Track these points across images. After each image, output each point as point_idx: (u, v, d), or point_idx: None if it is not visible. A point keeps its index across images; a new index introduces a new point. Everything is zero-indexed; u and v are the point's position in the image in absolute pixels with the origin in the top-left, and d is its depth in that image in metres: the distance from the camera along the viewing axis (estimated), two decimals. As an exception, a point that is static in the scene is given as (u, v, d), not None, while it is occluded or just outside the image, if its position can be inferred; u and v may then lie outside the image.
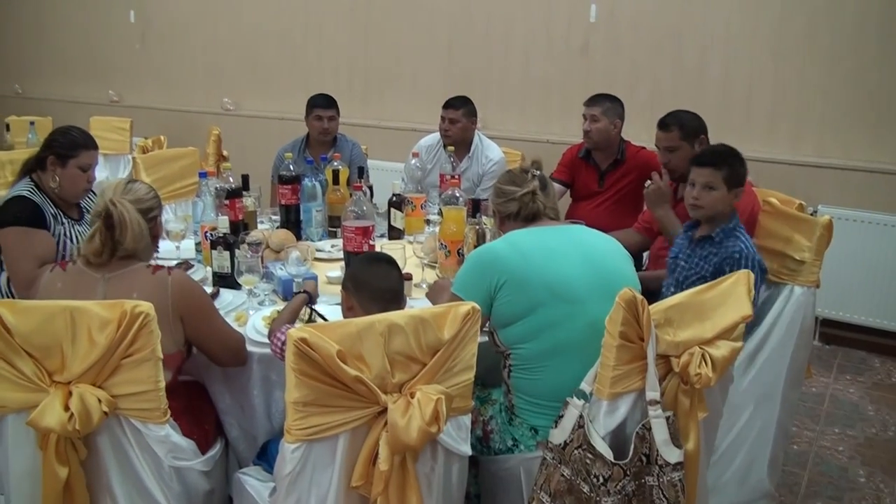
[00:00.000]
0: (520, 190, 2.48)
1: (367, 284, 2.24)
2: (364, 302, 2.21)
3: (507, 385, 2.38)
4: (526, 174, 2.54)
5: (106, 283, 2.23)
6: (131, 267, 2.26)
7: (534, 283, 2.25)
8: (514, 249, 2.32)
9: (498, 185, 2.59)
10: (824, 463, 3.57)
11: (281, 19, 6.80)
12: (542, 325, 2.25)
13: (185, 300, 2.25)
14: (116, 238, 2.22)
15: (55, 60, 8.45)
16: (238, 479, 2.30)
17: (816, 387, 4.31)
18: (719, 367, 2.00)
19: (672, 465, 1.95)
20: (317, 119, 4.33)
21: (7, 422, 2.02)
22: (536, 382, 2.29)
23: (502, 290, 2.26)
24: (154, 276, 2.24)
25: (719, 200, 2.76)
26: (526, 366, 2.30)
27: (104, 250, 2.22)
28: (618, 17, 5.26)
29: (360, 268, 2.33)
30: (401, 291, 2.31)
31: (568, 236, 2.44)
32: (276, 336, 2.25)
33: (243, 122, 7.04)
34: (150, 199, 2.42)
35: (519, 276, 2.26)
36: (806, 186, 4.60)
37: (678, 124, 3.38)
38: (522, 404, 2.34)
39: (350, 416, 1.86)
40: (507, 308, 2.27)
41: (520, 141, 5.35)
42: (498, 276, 2.27)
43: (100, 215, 2.22)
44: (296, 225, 3.59)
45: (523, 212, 2.48)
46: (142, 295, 2.12)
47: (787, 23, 4.75)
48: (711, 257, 2.76)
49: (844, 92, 4.67)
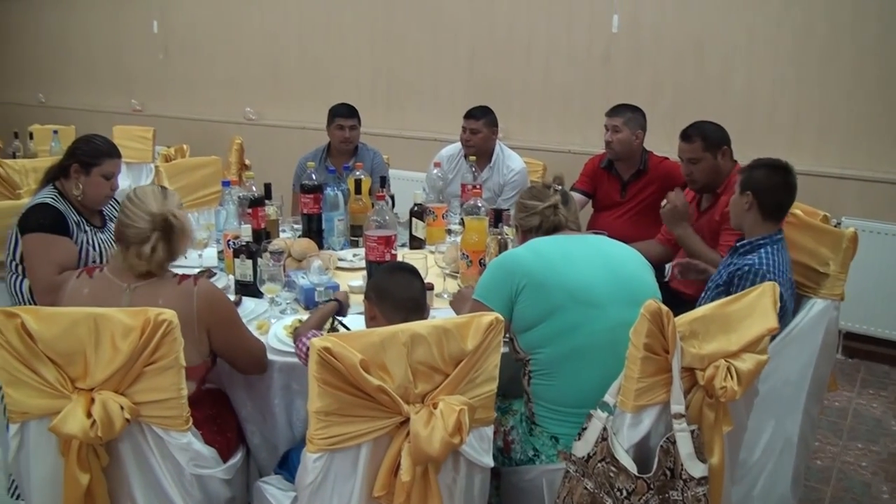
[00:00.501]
0: (541, 204, 2.52)
1: (389, 294, 2.24)
2: (386, 312, 2.21)
3: (527, 393, 2.38)
4: (548, 189, 2.58)
5: (132, 292, 2.22)
6: (157, 276, 2.25)
7: (553, 287, 2.27)
8: (534, 253, 2.36)
9: (520, 200, 2.64)
10: (847, 478, 3.53)
11: (302, 29, 6.83)
12: (561, 328, 2.26)
13: (211, 311, 2.25)
14: (174, 249, 2.24)
15: (78, 70, 8.55)
16: (259, 487, 2.30)
17: (839, 401, 4.27)
18: (745, 380, 1.98)
19: (697, 480, 1.93)
20: (338, 128, 4.34)
21: (29, 428, 2.02)
22: (556, 388, 2.30)
23: (522, 293, 2.28)
24: (180, 286, 2.24)
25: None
26: (545, 371, 2.30)
27: (166, 261, 2.24)
28: (640, 27, 5.25)
29: (382, 277, 2.33)
30: (423, 301, 2.31)
31: (589, 244, 2.47)
32: (301, 341, 2.25)
33: (265, 132, 7.07)
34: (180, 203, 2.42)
35: (539, 279, 2.28)
36: (829, 198, 4.57)
37: (701, 135, 3.37)
38: (542, 412, 2.34)
39: (372, 426, 1.85)
40: (526, 311, 2.29)
41: (541, 151, 5.34)
42: (518, 279, 2.29)
43: (155, 228, 2.20)
44: (318, 234, 3.60)
45: (545, 224, 2.52)
46: (167, 306, 2.11)
47: (809, 33, 4.72)
48: (730, 266, 2.76)
49: (868, 103, 4.63)
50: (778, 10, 4.79)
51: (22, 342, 1.92)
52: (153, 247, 2.20)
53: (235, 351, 2.34)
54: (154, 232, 2.20)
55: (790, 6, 4.75)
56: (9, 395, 1.98)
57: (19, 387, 1.96)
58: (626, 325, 1.99)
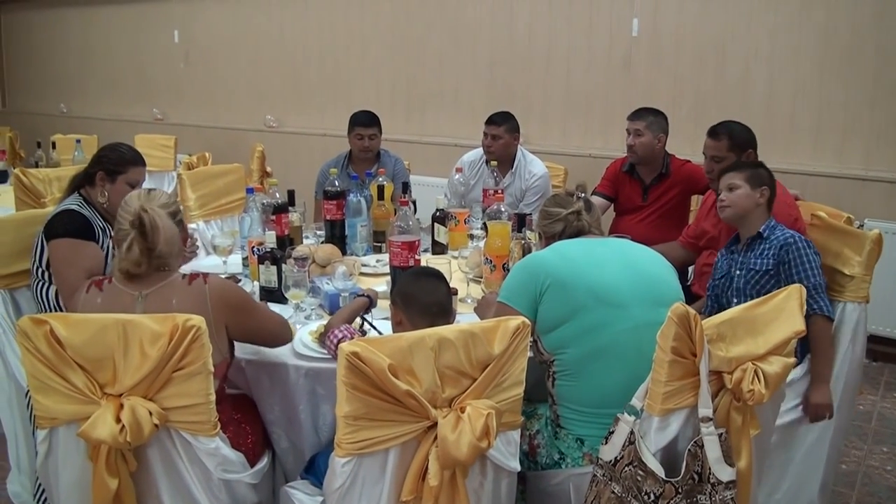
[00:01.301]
0: (564, 210, 2.54)
1: (415, 299, 2.25)
2: (413, 317, 2.23)
3: (552, 395, 2.38)
4: (571, 197, 2.61)
5: (144, 300, 2.22)
6: (167, 280, 2.26)
7: (577, 286, 2.28)
8: (557, 255, 2.39)
9: (544, 208, 2.65)
10: (873, 483, 3.50)
11: (322, 37, 6.87)
12: (585, 328, 2.26)
13: (226, 304, 2.26)
14: (150, 244, 2.21)
15: (100, 80, 8.63)
16: (285, 492, 2.30)
17: (864, 405, 4.23)
18: (772, 383, 1.97)
19: (725, 484, 1.93)
20: (357, 137, 4.37)
21: (58, 433, 2.03)
22: (580, 389, 2.29)
23: (546, 293, 2.29)
24: (191, 286, 2.24)
25: (743, 196, 2.87)
26: (569, 371, 2.30)
27: (142, 259, 2.22)
28: (660, 31, 5.24)
29: (408, 283, 2.35)
30: (449, 306, 2.33)
31: (612, 246, 2.49)
32: (333, 333, 2.28)
33: (286, 139, 7.11)
34: (173, 203, 2.43)
35: (562, 279, 2.29)
36: (852, 200, 4.55)
37: (728, 134, 3.35)
38: (567, 413, 2.33)
39: (400, 430, 1.86)
40: (550, 312, 2.29)
41: (561, 155, 5.34)
42: (542, 279, 2.30)
43: (133, 225, 2.21)
44: (341, 240, 3.61)
45: (568, 230, 2.54)
46: (182, 308, 2.13)
47: (831, 35, 4.70)
48: (767, 251, 2.80)
49: (891, 104, 4.61)
50: (799, 11, 4.78)
51: (51, 349, 1.94)
52: (129, 245, 2.22)
53: (256, 333, 2.39)
54: (132, 230, 2.22)
55: (811, 8, 4.73)
56: (37, 402, 2.00)
57: (48, 393, 1.98)
58: (649, 325, 2.01)
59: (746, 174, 2.91)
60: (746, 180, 2.88)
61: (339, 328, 2.35)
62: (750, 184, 2.88)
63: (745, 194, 2.86)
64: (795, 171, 4.67)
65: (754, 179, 2.89)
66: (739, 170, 2.95)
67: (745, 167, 2.96)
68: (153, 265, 2.25)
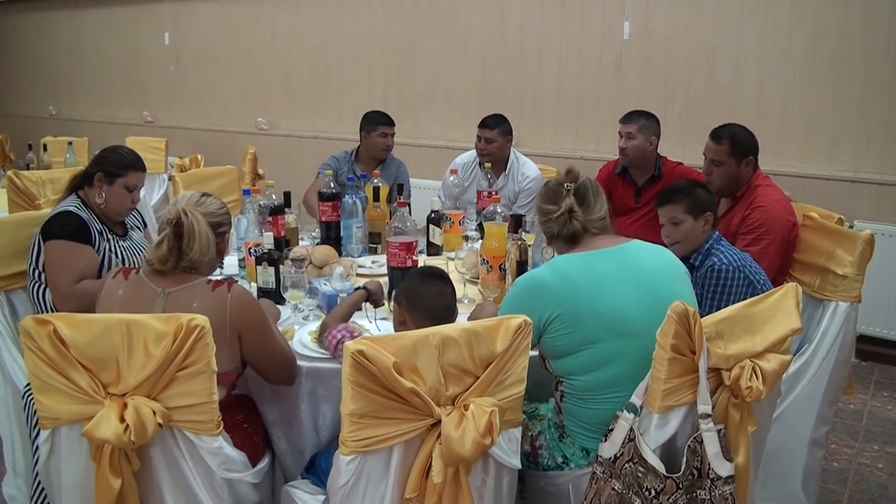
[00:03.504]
0: (556, 210, 2.36)
1: (420, 301, 2.26)
2: (417, 318, 2.23)
3: (559, 406, 2.34)
4: (561, 188, 2.39)
5: (165, 297, 2.24)
6: (192, 282, 2.26)
7: (586, 319, 2.16)
8: (563, 281, 2.21)
9: (537, 203, 2.50)
10: (864, 480, 3.54)
11: (314, 39, 6.88)
12: (597, 360, 2.18)
13: (243, 316, 2.25)
14: (183, 248, 2.24)
15: (89, 82, 8.61)
16: (287, 491, 2.31)
17: (854, 403, 4.28)
18: (770, 380, 2.00)
19: (724, 479, 1.95)
20: (382, 136, 4.41)
21: (60, 434, 2.04)
22: (590, 412, 2.23)
23: (553, 323, 2.18)
24: (214, 292, 2.24)
25: (690, 231, 2.83)
26: (580, 395, 2.24)
27: (170, 258, 2.23)
28: (651, 34, 5.28)
29: (414, 284, 2.33)
30: (453, 307, 2.32)
31: (620, 259, 2.28)
32: (332, 333, 2.28)
33: (278, 142, 7.12)
34: (221, 214, 2.43)
35: (570, 311, 2.16)
36: (842, 202, 4.59)
37: (730, 138, 3.35)
38: (574, 427, 2.31)
39: (404, 427, 1.87)
40: (558, 342, 2.21)
41: (553, 158, 5.37)
42: (548, 309, 2.18)
43: (170, 223, 2.23)
44: (336, 241, 3.62)
45: (563, 233, 2.36)
46: (201, 311, 2.12)
47: (821, 38, 4.75)
48: (697, 281, 2.80)
49: (880, 107, 4.66)
50: (789, 16, 4.82)
51: (54, 349, 1.94)
52: (160, 240, 2.24)
53: (265, 358, 2.32)
54: (168, 227, 2.24)
55: (801, 12, 4.78)
56: (40, 402, 2.00)
57: (51, 393, 1.98)
58: None
59: (685, 205, 2.81)
60: (688, 211, 2.81)
61: (338, 328, 2.35)
62: (693, 214, 2.81)
63: (691, 227, 2.82)
64: (786, 174, 4.71)
65: (696, 208, 2.81)
66: (676, 201, 2.83)
67: (680, 196, 2.84)
68: (182, 267, 2.26)
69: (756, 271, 2.82)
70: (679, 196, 2.83)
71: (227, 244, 2.57)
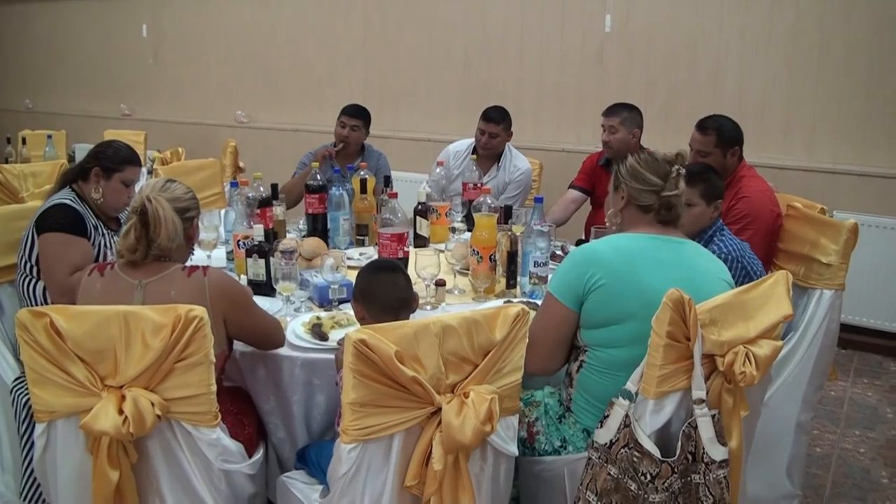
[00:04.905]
0: (665, 188, 2.28)
1: (374, 297, 2.26)
2: (374, 313, 2.23)
3: (572, 378, 2.35)
4: (670, 167, 2.30)
5: (143, 289, 2.23)
6: (167, 271, 2.25)
7: (629, 295, 2.17)
8: (616, 253, 2.22)
9: (638, 167, 2.32)
10: (847, 465, 3.61)
11: (294, 31, 6.86)
12: (631, 336, 2.17)
13: (225, 298, 2.26)
14: (150, 235, 2.22)
15: (66, 75, 8.52)
16: (283, 482, 2.32)
17: (835, 390, 4.35)
18: (762, 365, 2.03)
19: (718, 463, 1.98)
20: (340, 126, 4.40)
21: (56, 427, 2.03)
22: (605, 386, 2.24)
23: (595, 291, 2.19)
24: (190, 278, 2.24)
25: (700, 215, 2.87)
26: (601, 369, 2.26)
27: (138, 247, 2.22)
28: (632, 27, 5.32)
29: (366, 280, 2.31)
30: (410, 296, 2.31)
31: (679, 253, 2.28)
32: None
33: (258, 135, 7.10)
34: (187, 199, 2.42)
35: (616, 280, 2.17)
36: (822, 192, 4.64)
37: (716, 129, 3.40)
38: (582, 402, 2.32)
39: (405, 416, 1.89)
40: (596, 311, 2.22)
41: (535, 150, 5.38)
42: (593, 274, 2.19)
43: (136, 211, 2.23)
44: (323, 234, 3.63)
45: (660, 213, 2.30)
46: (180, 299, 2.13)
47: (801, 32, 4.81)
48: None
49: (859, 99, 4.73)
50: (769, 9, 4.89)
51: (51, 341, 1.94)
52: (128, 229, 2.23)
53: (253, 333, 2.38)
54: (134, 215, 2.23)
55: (782, 6, 4.85)
56: (36, 395, 2.00)
57: (47, 386, 1.98)
58: None
59: (701, 189, 2.84)
60: (702, 196, 2.84)
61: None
62: (706, 199, 2.85)
63: (701, 212, 2.86)
64: (766, 165, 4.76)
65: (710, 194, 2.85)
66: (693, 185, 2.78)
67: (698, 180, 2.84)
68: (152, 255, 2.25)
69: (753, 261, 2.86)
70: (697, 180, 2.83)
71: (196, 230, 2.55)
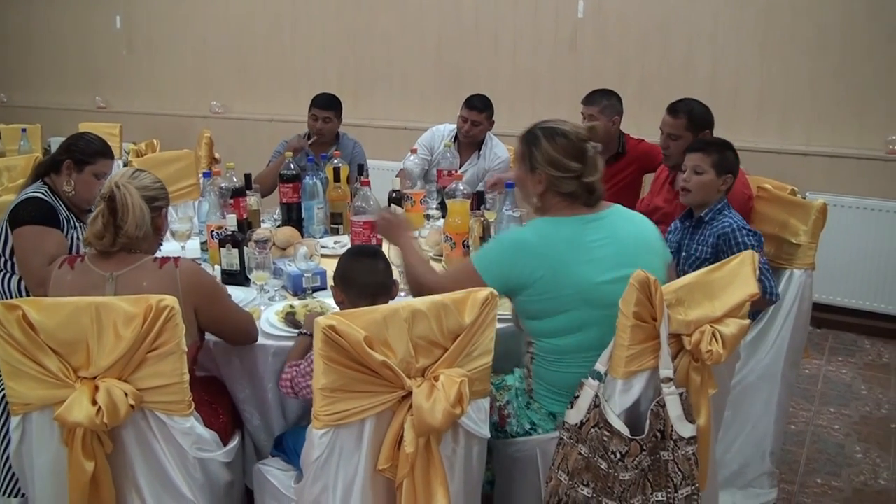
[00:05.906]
0: (585, 173, 2.26)
1: (353, 281, 2.27)
2: (353, 297, 2.25)
3: (528, 369, 2.39)
4: (586, 146, 2.27)
5: (114, 281, 2.22)
6: (138, 263, 2.25)
7: (565, 287, 2.20)
8: (547, 244, 2.23)
9: (555, 153, 2.27)
10: (821, 441, 3.65)
11: (268, 20, 6.83)
12: (571, 326, 2.23)
13: (196, 289, 2.26)
14: (118, 221, 2.21)
15: (40, 68, 8.44)
16: (259, 470, 2.34)
17: (810, 368, 4.40)
18: (729, 343, 2.06)
19: (686, 440, 2.01)
20: (313, 119, 4.39)
21: (31, 419, 2.04)
22: (560, 375, 2.29)
23: (530, 288, 2.22)
24: (162, 269, 2.24)
25: (708, 184, 2.88)
26: (551, 358, 2.30)
27: (105, 233, 2.21)
28: (605, 12, 5.33)
29: (346, 264, 2.32)
30: (389, 283, 2.32)
31: (605, 230, 2.27)
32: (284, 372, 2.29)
33: (233, 125, 7.06)
34: (156, 188, 2.41)
35: (550, 278, 2.19)
36: (794, 174, 4.67)
37: (687, 112, 3.43)
38: (542, 391, 2.36)
39: (376, 400, 1.91)
40: (534, 305, 2.26)
41: (510, 136, 5.30)
42: (528, 273, 2.21)
43: (104, 197, 2.22)
44: (297, 223, 3.63)
45: (580, 197, 2.29)
46: (152, 290, 2.12)
47: (773, 15, 4.84)
48: (707, 238, 2.87)
49: (831, 82, 4.77)
50: (741, -7, 4.91)
51: (24, 333, 1.94)
52: (95, 215, 2.23)
53: (224, 325, 2.37)
54: (102, 201, 2.22)
55: (753, -11, 4.86)
56: (10, 388, 2.00)
57: (21, 378, 1.98)
58: None
59: (714, 158, 2.87)
60: (713, 165, 2.86)
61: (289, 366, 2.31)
62: (716, 170, 2.87)
63: (710, 181, 2.87)
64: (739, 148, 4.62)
65: (721, 166, 2.87)
66: (707, 152, 2.88)
67: (713, 149, 2.90)
68: (120, 244, 2.24)
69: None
70: (711, 149, 2.90)
71: (164, 220, 2.53)
